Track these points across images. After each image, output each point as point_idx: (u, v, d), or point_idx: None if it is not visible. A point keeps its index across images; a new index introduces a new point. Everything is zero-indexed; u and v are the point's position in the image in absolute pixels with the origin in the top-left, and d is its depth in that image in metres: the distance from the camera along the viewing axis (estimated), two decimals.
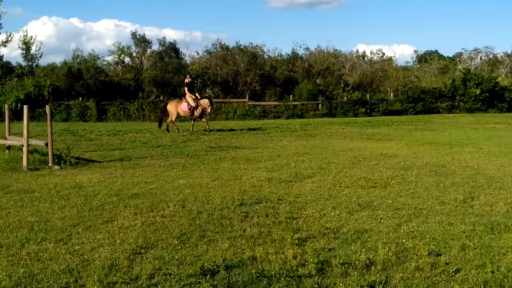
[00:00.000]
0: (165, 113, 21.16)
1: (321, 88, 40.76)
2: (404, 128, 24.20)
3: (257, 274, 4.23)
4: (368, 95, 40.39)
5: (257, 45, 43.14)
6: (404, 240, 5.20)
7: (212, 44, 43.38)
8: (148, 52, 39.88)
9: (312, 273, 4.29)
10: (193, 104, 20.27)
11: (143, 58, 39.73)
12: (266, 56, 44.49)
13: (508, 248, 4.87)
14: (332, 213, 6.48)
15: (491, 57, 74.74)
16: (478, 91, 41.80)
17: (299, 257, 4.70)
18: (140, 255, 4.84)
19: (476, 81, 42.54)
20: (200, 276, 4.24)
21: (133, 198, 7.49)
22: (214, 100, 35.50)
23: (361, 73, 47.67)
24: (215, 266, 4.40)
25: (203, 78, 38.64)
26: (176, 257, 4.77)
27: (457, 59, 72.49)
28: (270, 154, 12.81)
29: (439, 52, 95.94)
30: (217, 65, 40.20)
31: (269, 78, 40.30)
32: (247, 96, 35.59)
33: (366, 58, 54.49)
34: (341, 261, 4.55)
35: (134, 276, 4.29)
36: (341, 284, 3.96)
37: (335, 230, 5.68)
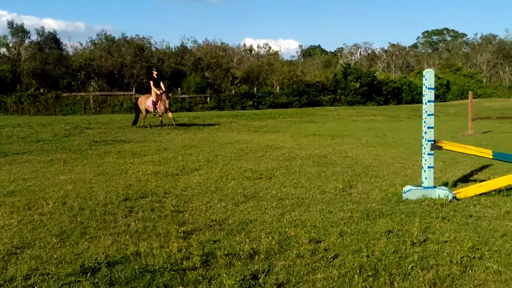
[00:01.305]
0: (138, 109, 20.20)
1: (209, 81, 40.90)
2: (289, 120, 24.88)
3: (141, 270, 4.15)
4: (255, 88, 41.09)
5: (144, 37, 42.42)
6: (287, 229, 5.34)
7: (97, 35, 42.16)
8: (26, 42, 37.80)
9: (196, 265, 4.29)
10: (154, 98, 19.24)
11: (20, 49, 37.51)
12: (153, 49, 43.82)
13: (382, 233, 5.14)
14: (218, 205, 6.51)
15: (369, 52, 78.86)
16: (357, 85, 43.93)
17: (184, 250, 4.68)
18: (16, 256, 4.58)
19: (356, 75, 44.63)
20: (80, 274, 4.08)
21: (9, 196, 7.06)
22: (99, 93, 34.48)
23: (249, 67, 48.36)
24: (96, 264, 4.26)
25: (87, 70, 37.28)
26: (55, 256, 4.56)
27: (339, 54, 75.67)
28: (157, 148, 12.64)
29: (322, 47, 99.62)
30: (101, 56, 38.92)
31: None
32: (133, 89, 34.78)
33: (253, 52, 55.36)
34: (226, 252, 4.59)
35: (9, 277, 4.05)
36: (224, 275, 3.99)
37: (220, 222, 5.72)
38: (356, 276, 4.06)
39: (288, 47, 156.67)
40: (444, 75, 60.23)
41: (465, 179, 8.26)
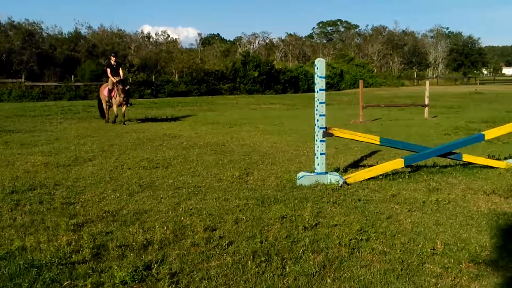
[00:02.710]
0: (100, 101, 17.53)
1: (105, 68, 39.64)
2: (188, 109, 24.71)
3: (26, 265, 3.94)
4: (153, 77, 40.36)
5: (34, 22, 40.22)
6: (182, 218, 5.30)
7: None
8: None
9: (86, 258, 4.14)
10: (110, 87, 16.74)
11: None
12: (45, 34, 41.70)
13: (276, 219, 5.24)
14: (112, 196, 6.34)
15: (267, 41, 79.97)
16: (256, 74, 44.39)
17: (74, 243, 4.50)
18: None
19: (255, 64, 45.05)
20: None
21: None
22: None
23: (146, 54, 47.40)
24: None
25: None
26: None
27: (238, 43, 76.07)
28: (48, 138, 12.07)
29: (221, 35, 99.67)
30: None
31: (48, 58, 37.90)
32: (23, 76, 32.92)
33: (151, 40, 54.26)
34: (118, 244, 4.47)
35: None
36: (116, 267, 3.88)
37: (114, 213, 5.56)
38: (249, 262, 4.10)
39: (187, 35, 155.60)
40: (338, 65, 62.31)
41: (355, 165, 8.61)
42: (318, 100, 7.02)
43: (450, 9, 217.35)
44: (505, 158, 8.55)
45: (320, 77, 6.99)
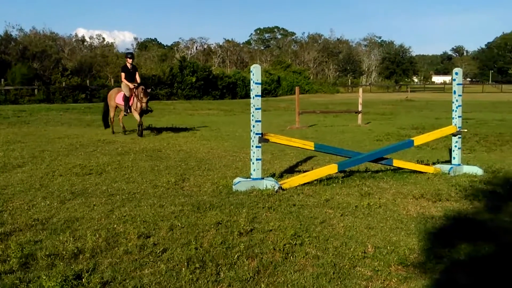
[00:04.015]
0: (107, 105, 15.46)
1: (37, 72, 38.45)
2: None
3: None
4: (88, 81, 39.46)
5: None
6: (115, 225, 5.19)
7: None
8: None
9: (14, 268, 3.99)
10: (127, 93, 14.50)
11: None
12: None
13: (212, 225, 5.22)
14: (42, 204, 6.12)
15: (205, 47, 79.89)
16: (194, 79, 44.23)
17: (1, 252, 4.33)
18: None
19: (192, 69, 44.88)
20: None
21: None
22: None
23: (81, 58, 46.35)
24: None
25: None
26: None
27: (175, 48, 75.57)
28: None
29: (158, 40, 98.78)
30: None
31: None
32: None
33: (86, 43, 53.11)
34: (48, 253, 4.33)
35: None
36: (44, 277, 3.75)
37: (43, 221, 5.38)
38: (183, 269, 4.07)
39: (123, 39, 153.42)
40: (275, 72, 63.03)
41: (291, 170, 8.71)
42: (254, 106, 7.06)
43: (382, 18, 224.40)
44: (434, 163, 8.87)
45: (256, 83, 7.04)
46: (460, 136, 8.35)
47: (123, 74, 14.70)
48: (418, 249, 4.62)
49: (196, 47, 79.62)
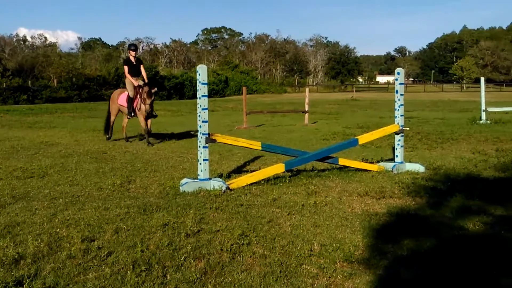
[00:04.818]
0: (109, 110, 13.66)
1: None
2: (68, 115, 23.75)
3: None
4: (30, 82, 38.36)
5: None
6: (58, 230, 5.05)
7: None
8: None
9: None
10: (131, 93, 12.66)
11: None
12: None
13: (158, 226, 5.15)
14: None
15: (152, 47, 79.05)
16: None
17: None
18: None
19: None
20: None
21: None
22: None
23: (22, 58, 45.00)
24: None
25: None
26: None
27: (121, 48, 74.44)
28: None
29: (103, 40, 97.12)
30: None
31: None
32: None
33: (27, 43, 51.64)
34: None
35: None
36: None
37: None
38: (129, 272, 4.00)
39: (67, 38, 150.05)
40: (223, 72, 62.99)
41: (239, 170, 8.72)
42: (200, 106, 7.02)
43: (328, 19, 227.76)
44: (378, 162, 9.07)
45: (203, 83, 7.00)
46: (402, 134, 8.57)
47: (126, 68, 12.78)
48: (362, 246, 4.70)
49: (143, 47, 78.63)
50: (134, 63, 12.82)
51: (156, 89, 12.62)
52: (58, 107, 29.97)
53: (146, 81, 12.88)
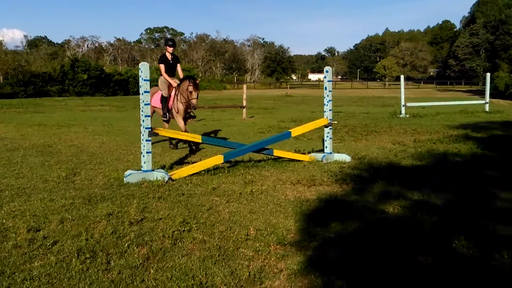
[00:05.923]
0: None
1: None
2: (14, 111, 22.78)
3: None
4: None
5: None
6: (4, 221, 4.86)
7: None
8: None
9: None
10: (165, 93, 10.38)
11: None
12: None
13: (103, 216, 5.05)
14: None
15: (96, 45, 76.97)
16: (85, 77, 42.55)
17: None
18: None
19: (84, 68, 43.14)
20: None
21: None
22: None
23: None
24: None
25: None
26: None
27: (66, 46, 72.18)
28: None
29: (48, 38, 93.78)
30: None
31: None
32: None
33: None
34: None
35: None
36: None
37: None
38: (74, 259, 3.91)
39: (12, 36, 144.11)
40: None
41: (180, 162, 8.65)
42: (143, 101, 6.92)
43: (264, 21, 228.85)
44: (309, 152, 9.21)
45: (145, 80, 6.90)
46: (331, 127, 8.74)
47: (162, 67, 10.39)
48: (294, 230, 4.78)
49: (87, 45, 76.49)
50: (171, 61, 10.49)
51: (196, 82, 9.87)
52: (4, 103, 28.68)
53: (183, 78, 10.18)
